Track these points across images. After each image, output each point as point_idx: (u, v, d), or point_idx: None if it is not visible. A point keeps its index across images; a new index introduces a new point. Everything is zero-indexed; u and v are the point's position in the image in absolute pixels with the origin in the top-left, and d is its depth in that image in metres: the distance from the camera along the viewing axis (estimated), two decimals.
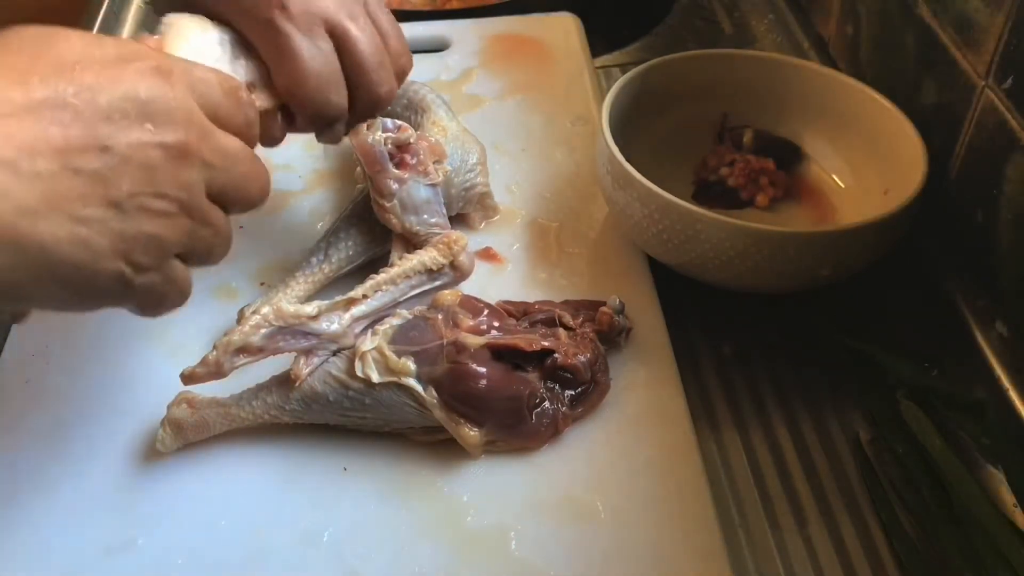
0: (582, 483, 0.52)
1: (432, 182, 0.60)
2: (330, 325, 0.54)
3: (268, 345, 0.52)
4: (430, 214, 0.60)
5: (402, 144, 0.59)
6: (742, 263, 0.57)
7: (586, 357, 0.54)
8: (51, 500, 0.52)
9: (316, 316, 0.54)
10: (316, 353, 0.54)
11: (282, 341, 0.53)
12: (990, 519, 0.50)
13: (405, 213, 0.59)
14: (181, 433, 0.52)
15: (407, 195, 0.59)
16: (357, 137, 0.58)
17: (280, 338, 0.53)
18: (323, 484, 0.52)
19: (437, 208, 0.60)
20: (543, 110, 0.77)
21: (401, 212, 0.59)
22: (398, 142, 0.59)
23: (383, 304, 0.56)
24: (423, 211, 0.60)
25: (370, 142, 0.58)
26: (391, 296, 0.56)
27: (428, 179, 0.60)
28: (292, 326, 0.53)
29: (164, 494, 0.52)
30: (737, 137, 0.71)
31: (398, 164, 0.59)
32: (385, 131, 0.59)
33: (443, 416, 0.52)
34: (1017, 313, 0.57)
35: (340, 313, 0.54)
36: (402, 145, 0.59)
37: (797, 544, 0.52)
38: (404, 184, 0.59)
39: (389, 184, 0.59)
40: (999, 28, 0.56)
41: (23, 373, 0.58)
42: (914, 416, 0.56)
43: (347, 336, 0.55)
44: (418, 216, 0.59)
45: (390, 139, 0.58)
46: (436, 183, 0.60)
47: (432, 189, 0.60)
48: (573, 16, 0.86)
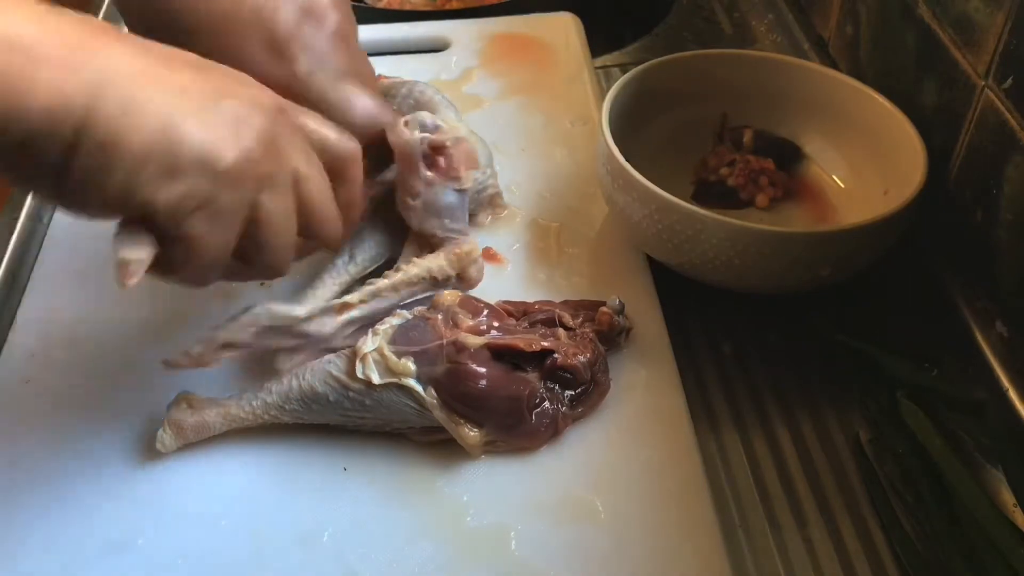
0: (582, 483, 0.52)
1: (461, 188, 0.59)
2: (320, 328, 0.55)
3: (255, 342, 0.53)
4: (452, 219, 0.59)
5: (437, 146, 0.58)
6: (742, 263, 0.57)
7: (586, 357, 0.54)
8: (51, 500, 0.52)
9: (307, 318, 0.54)
10: (301, 350, 0.55)
11: (270, 339, 0.54)
12: (990, 519, 0.50)
13: (427, 215, 0.59)
14: (181, 433, 0.52)
15: (432, 198, 0.58)
16: (394, 133, 0.58)
17: (269, 336, 0.53)
18: (323, 484, 0.52)
19: (460, 215, 0.60)
20: (543, 110, 0.77)
21: (423, 213, 0.59)
22: (434, 144, 0.58)
23: (381, 309, 0.56)
24: (445, 216, 0.59)
25: (406, 140, 0.57)
26: (390, 302, 0.57)
27: (457, 185, 0.59)
28: (282, 327, 0.53)
29: (164, 494, 0.52)
30: (737, 137, 0.71)
31: (430, 166, 0.58)
32: (423, 130, 0.58)
33: (443, 416, 0.52)
34: (1017, 313, 0.57)
35: (332, 316, 0.55)
36: (437, 147, 0.58)
37: (797, 544, 0.52)
38: (432, 187, 0.58)
39: (417, 185, 0.58)
40: (999, 28, 0.56)
41: (23, 373, 0.58)
42: (914, 416, 0.56)
43: (337, 338, 0.56)
44: (439, 220, 0.59)
45: (427, 140, 0.58)
46: (464, 189, 0.59)
47: (459, 196, 0.59)
48: (573, 16, 0.86)
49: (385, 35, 0.84)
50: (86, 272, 0.64)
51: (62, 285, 0.63)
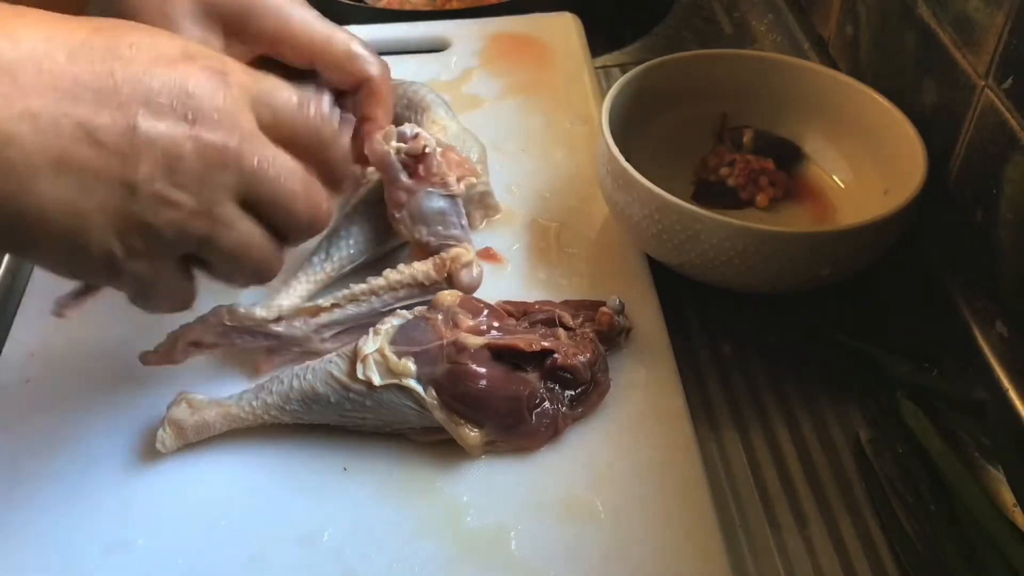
0: (582, 483, 0.52)
1: (450, 193, 0.59)
2: (291, 330, 0.55)
3: (222, 341, 0.54)
4: (444, 226, 0.59)
5: (416, 154, 0.58)
6: (742, 263, 0.57)
7: (586, 357, 0.54)
8: (51, 499, 0.52)
9: (276, 319, 0.55)
10: (277, 353, 0.56)
11: (238, 339, 0.54)
12: (990, 519, 0.50)
13: (415, 224, 0.59)
14: (181, 433, 0.53)
15: (416, 205, 0.58)
16: (370, 145, 0.57)
17: (236, 336, 0.54)
18: (323, 484, 0.52)
19: (454, 220, 0.59)
20: (543, 110, 0.77)
21: (411, 222, 0.59)
22: (412, 151, 0.58)
23: (359, 314, 0.56)
24: (435, 222, 0.59)
25: (381, 151, 0.57)
26: (370, 307, 0.57)
27: (445, 190, 0.59)
28: (249, 328, 0.54)
29: (164, 494, 0.52)
30: (737, 137, 0.71)
31: (411, 174, 0.58)
32: (400, 140, 0.58)
33: (443, 417, 0.52)
34: (1017, 313, 0.57)
35: (305, 319, 0.55)
36: (416, 155, 0.58)
37: (797, 544, 0.52)
38: (414, 195, 0.58)
39: (399, 195, 0.58)
40: (999, 28, 0.56)
41: (24, 372, 0.58)
42: (914, 416, 0.56)
43: (312, 341, 0.56)
44: (429, 227, 0.59)
45: (402, 149, 0.58)
46: (454, 194, 0.59)
47: (450, 200, 0.59)
48: (573, 16, 0.86)
49: (385, 35, 0.84)
50: None
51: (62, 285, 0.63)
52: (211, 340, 0.54)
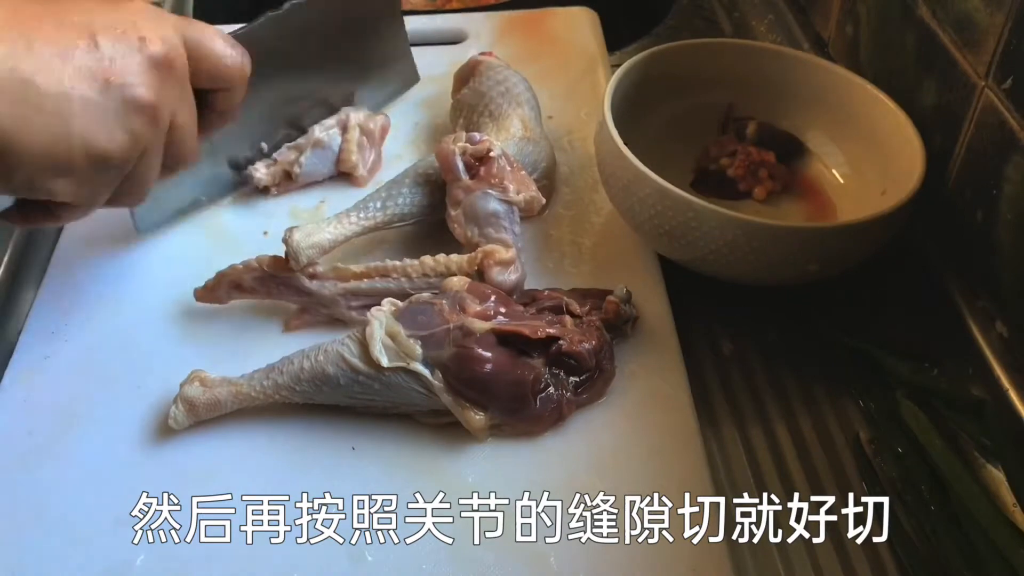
0: (585, 467, 0.52)
1: (506, 199, 0.60)
2: (321, 288, 0.58)
3: (260, 288, 0.58)
4: (495, 228, 0.60)
5: (480, 156, 0.60)
6: (730, 253, 0.57)
7: (591, 344, 0.54)
8: (64, 472, 0.53)
9: (312, 274, 0.58)
10: (309, 311, 0.59)
11: (274, 288, 0.58)
12: (990, 519, 0.50)
13: (468, 223, 0.60)
14: (193, 411, 0.53)
15: (471, 205, 0.59)
16: (438, 144, 0.61)
17: (273, 285, 0.58)
18: (332, 463, 0.53)
19: (506, 224, 0.60)
20: (557, 101, 0.77)
21: (464, 221, 0.60)
22: (476, 154, 0.60)
23: (387, 290, 0.58)
24: (487, 223, 0.60)
25: (446, 151, 0.60)
26: (399, 286, 0.58)
27: (502, 194, 0.60)
28: (283, 278, 0.57)
29: (175, 470, 0.53)
30: (741, 128, 0.71)
31: (473, 175, 0.60)
32: (464, 142, 0.60)
33: (449, 400, 0.52)
34: (1017, 313, 0.57)
35: (335, 281, 0.58)
36: (480, 157, 0.60)
37: (797, 544, 0.52)
38: (472, 193, 0.59)
39: (457, 193, 0.60)
40: (999, 28, 0.56)
41: (43, 349, 0.60)
42: (914, 416, 0.56)
43: (339, 304, 0.58)
44: (480, 228, 0.60)
45: (468, 149, 0.60)
46: (511, 201, 0.60)
47: (506, 207, 0.60)
48: (589, 10, 0.87)
49: None
50: (106, 250, 0.66)
51: (82, 264, 0.65)
52: (250, 284, 0.58)
